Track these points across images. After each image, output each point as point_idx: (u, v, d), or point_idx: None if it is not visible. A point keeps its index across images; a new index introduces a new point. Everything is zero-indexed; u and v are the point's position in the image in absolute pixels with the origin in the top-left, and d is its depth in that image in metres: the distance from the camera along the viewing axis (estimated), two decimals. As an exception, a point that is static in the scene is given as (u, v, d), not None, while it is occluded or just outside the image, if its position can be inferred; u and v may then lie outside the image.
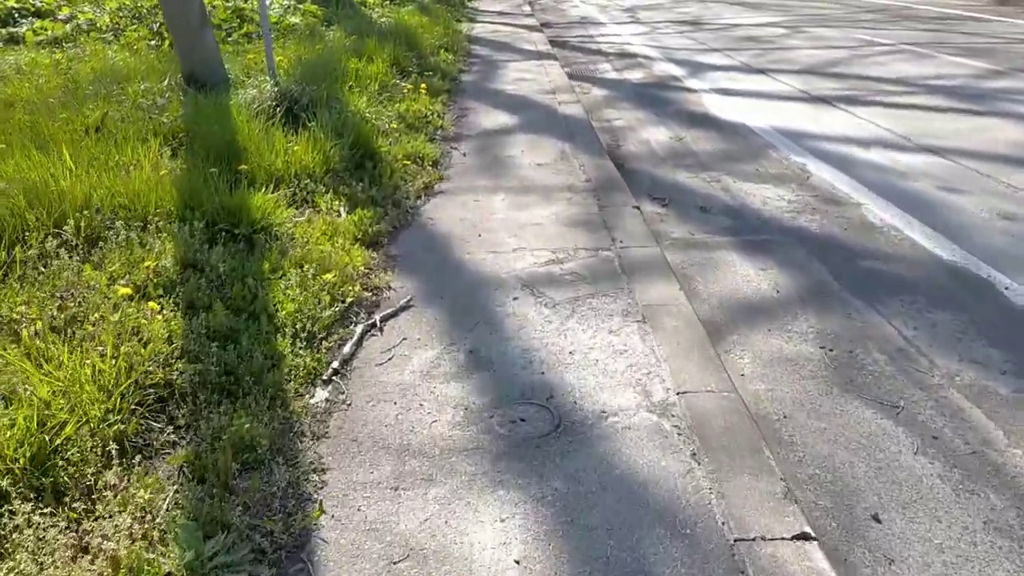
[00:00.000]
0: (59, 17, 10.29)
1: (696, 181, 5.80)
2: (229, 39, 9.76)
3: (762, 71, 9.86)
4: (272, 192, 4.25)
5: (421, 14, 12.59)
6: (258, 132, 4.92)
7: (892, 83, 8.75)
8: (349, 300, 3.32)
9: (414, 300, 3.50)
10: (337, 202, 4.47)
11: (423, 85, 7.83)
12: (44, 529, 1.95)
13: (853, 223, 4.84)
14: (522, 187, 5.19)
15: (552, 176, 5.44)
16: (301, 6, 11.82)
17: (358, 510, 2.23)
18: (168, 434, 2.45)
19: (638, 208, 4.73)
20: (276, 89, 5.64)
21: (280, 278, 3.33)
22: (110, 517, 2.03)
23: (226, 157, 4.51)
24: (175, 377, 2.59)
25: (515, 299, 3.51)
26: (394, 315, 3.34)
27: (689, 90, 9.04)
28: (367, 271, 3.69)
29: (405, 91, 7.36)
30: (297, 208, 4.31)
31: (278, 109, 5.47)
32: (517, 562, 2.05)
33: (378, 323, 3.22)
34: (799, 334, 3.51)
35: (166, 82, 6.41)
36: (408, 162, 5.43)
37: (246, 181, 4.25)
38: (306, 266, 3.42)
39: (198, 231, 3.56)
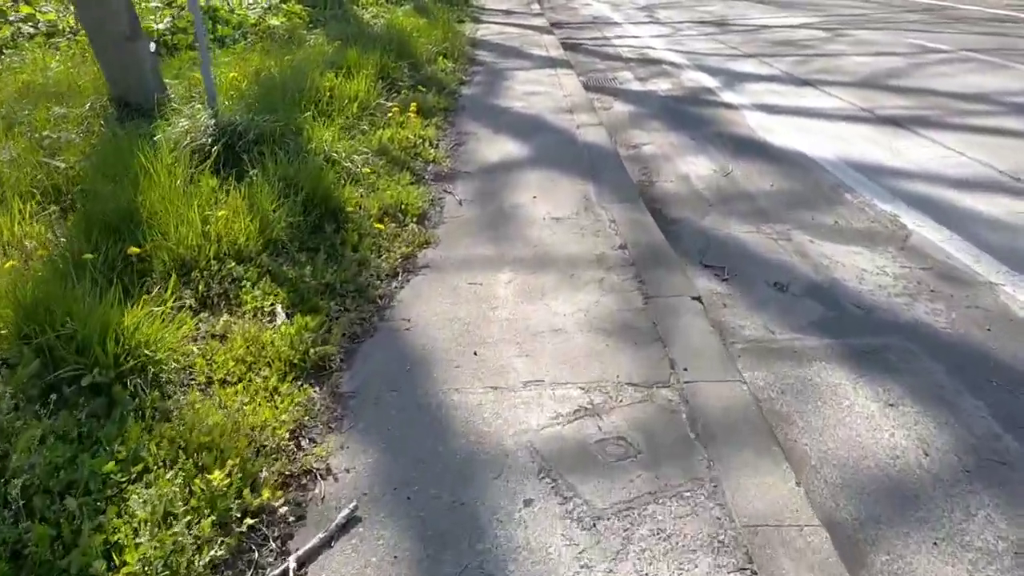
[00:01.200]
0: (10, 18, 8.92)
1: (759, 239, 4.41)
2: (197, 45, 8.38)
3: (808, 82, 8.43)
4: (173, 290, 2.88)
5: (418, 15, 11.19)
6: (177, 186, 3.55)
7: (969, 99, 7.31)
8: (248, 523, 1.95)
9: (363, 506, 2.13)
10: (273, 296, 3.09)
11: (413, 104, 6.44)
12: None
13: (995, 318, 3.45)
14: (535, 258, 3.81)
15: (575, 239, 4.06)
16: (284, 6, 10.44)
17: None
18: None
19: (699, 300, 3.33)
20: (214, 121, 4.27)
21: (135, 481, 1.96)
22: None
23: (120, 230, 3.15)
24: None
25: (528, 503, 2.14)
26: (326, 545, 1.97)
27: (727, 106, 7.63)
28: (295, 437, 2.32)
29: (391, 113, 5.97)
30: (210, 311, 2.94)
31: (214, 148, 4.09)
32: None
33: (292, 573, 1.84)
34: (987, 552, 2.14)
35: (88, 105, 5.05)
36: (384, 223, 4.05)
37: (135, 273, 2.88)
38: (182, 458, 2.05)
39: (25, 380, 2.20)
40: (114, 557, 1.75)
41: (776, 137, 6.44)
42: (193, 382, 2.47)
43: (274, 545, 1.95)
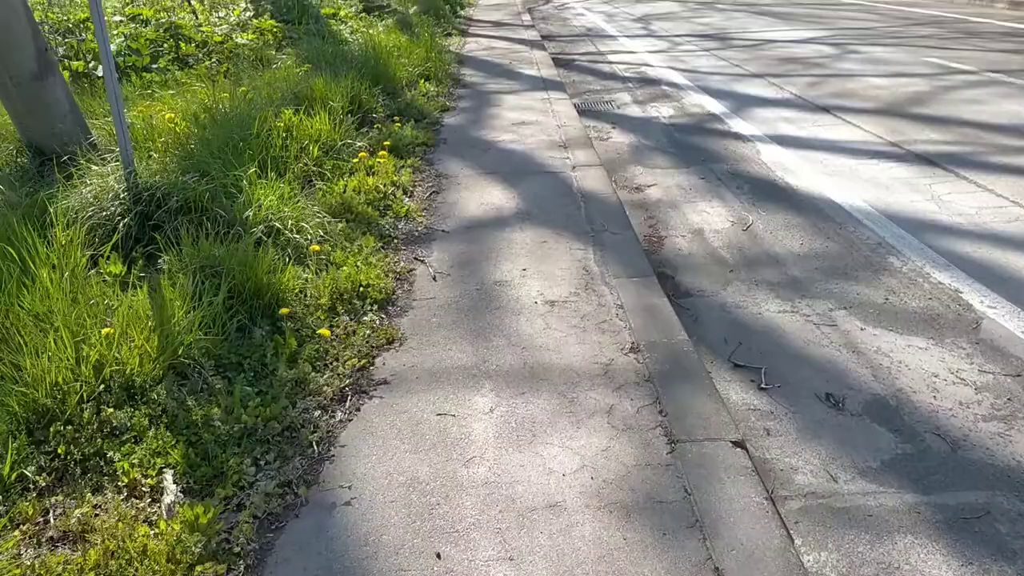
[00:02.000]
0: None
1: (797, 323, 3.58)
2: (154, 67, 7.53)
3: (825, 109, 7.62)
4: (14, 462, 2.02)
5: (400, 31, 10.33)
6: (62, 282, 2.69)
7: (1010, 133, 6.51)
8: None
9: None
10: (164, 457, 2.23)
11: (387, 143, 5.59)
12: None
13: (1125, 460, 2.62)
14: (524, 369, 2.96)
15: (574, 335, 3.21)
16: (255, 21, 9.56)
17: None
18: None
19: (742, 446, 2.48)
20: (126, 185, 3.40)
21: None
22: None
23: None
24: None
25: None
26: None
27: (738, 137, 6.80)
28: None
29: (359, 157, 5.11)
30: (69, 490, 2.08)
31: (123, 222, 3.23)
32: None
33: None
34: None
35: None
36: (335, 317, 3.20)
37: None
38: None
39: None
40: None
41: (798, 179, 5.61)
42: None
43: None
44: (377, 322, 3.25)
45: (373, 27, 11.03)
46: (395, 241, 4.20)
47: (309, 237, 3.62)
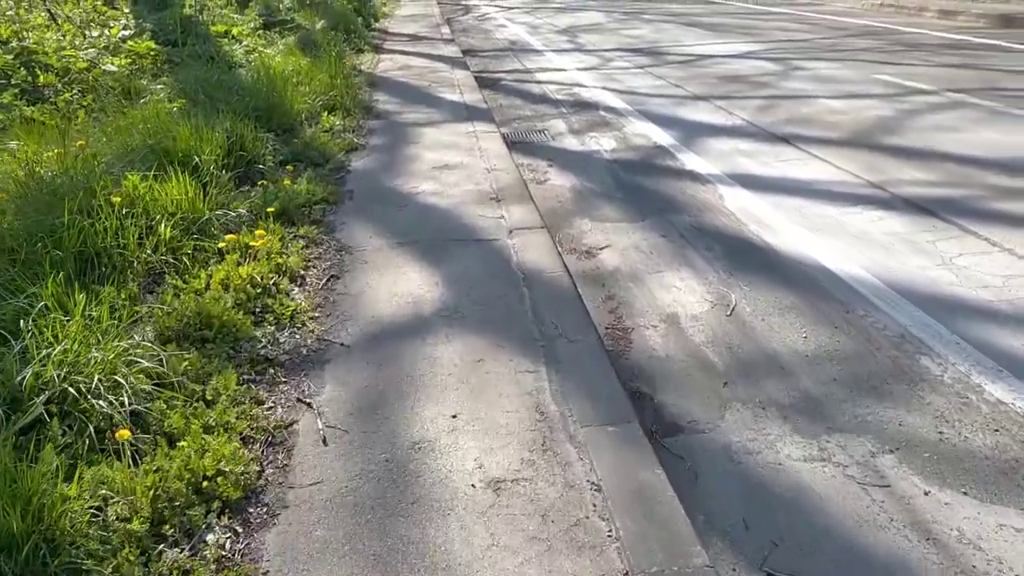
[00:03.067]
0: None
1: (835, 483, 2.57)
2: (-9, 104, 6.09)
3: (784, 139, 6.71)
4: None
5: (303, 51, 9.01)
6: None
7: (1003, 170, 5.69)
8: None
9: None
10: None
11: (273, 206, 4.35)
12: None
13: None
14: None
15: (535, 556, 2.07)
16: (128, 44, 8.11)
17: None
18: None
19: None
20: None
21: None
22: None
23: None
24: None
25: None
26: None
27: (695, 177, 5.82)
28: None
29: (227, 240, 3.86)
30: None
31: None
32: None
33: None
34: None
35: None
36: (153, 552, 1.98)
37: None
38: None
39: None
40: None
41: (777, 236, 4.63)
42: None
43: None
44: (225, 551, 2.04)
45: (274, 45, 9.70)
46: (272, 370, 2.98)
47: (126, 401, 2.36)
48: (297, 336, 3.25)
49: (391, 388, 2.88)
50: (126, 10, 10.28)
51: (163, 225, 3.62)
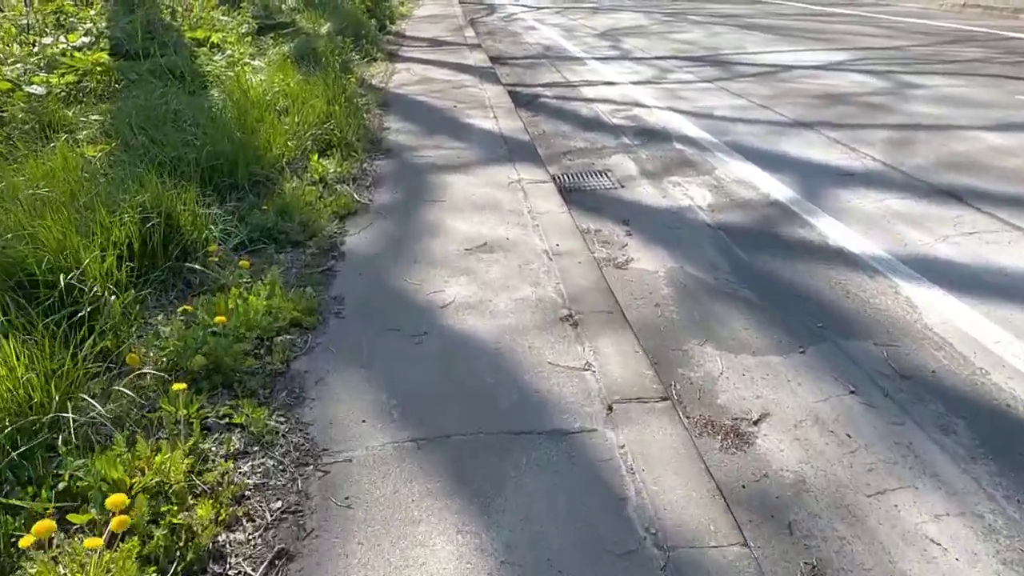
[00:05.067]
0: None
1: None
2: None
3: (952, 194, 4.73)
4: None
5: (298, 65, 7.06)
6: None
7: None
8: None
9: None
10: None
11: (197, 359, 2.41)
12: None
13: None
14: None
15: None
16: (77, 55, 6.20)
17: None
18: None
19: None
20: None
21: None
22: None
23: None
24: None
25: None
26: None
27: (852, 262, 3.86)
28: None
29: (32, 533, 1.91)
30: None
31: None
32: None
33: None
34: None
35: None
36: None
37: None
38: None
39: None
40: None
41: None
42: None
43: None
44: None
45: (264, 55, 7.77)
46: None
47: None
48: None
49: None
50: (93, 12, 8.38)
51: None
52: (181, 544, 1.77)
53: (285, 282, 3.29)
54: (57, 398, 2.06)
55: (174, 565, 1.72)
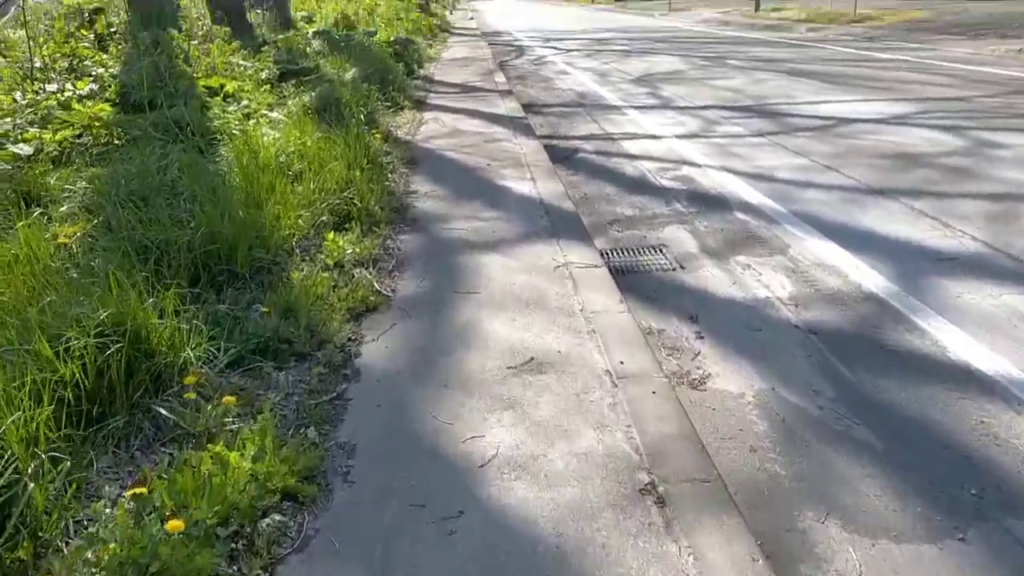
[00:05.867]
0: None
1: None
2: None
3: (1085, 291, 3.89)
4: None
5: (319, 117, 6.42)
6: None
7: None
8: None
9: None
10: None
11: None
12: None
13: None
14: None
15: None
16: (76, 107, 5.61)
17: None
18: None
19: None
20: None
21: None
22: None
23: None
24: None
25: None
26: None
27: (990, 389, 3.06)
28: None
29: None
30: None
31: None
32: None
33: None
34: None
35: None
36: None
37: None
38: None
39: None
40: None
41: None
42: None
43: None
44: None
45: (284, 104, 7.15)
46: None
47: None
48: None
49: None
50: (106, 56, 7.85)
51: None
52: None
53: (282, 420, 2.56)
54: None
55: None
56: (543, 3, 55.95)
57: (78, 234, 3.35)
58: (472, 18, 34.50)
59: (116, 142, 5.42)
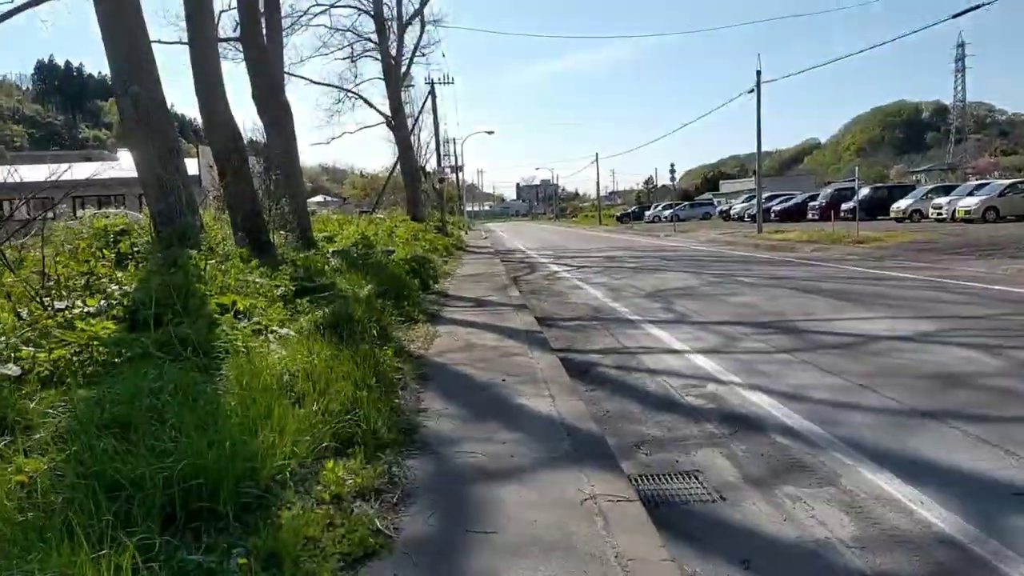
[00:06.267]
0: None
1: None
2: None
3: None
4: None
5: (331, 333, 6.23)
6: None
7: None
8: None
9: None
10: None
11: None
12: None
13: None
14: None
15: None
16: (79, 324, 5.44)
17: None
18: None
19: None
20: None
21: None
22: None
23: None
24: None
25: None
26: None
27: None
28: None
29: None
30: None
31: None
32: None
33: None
34: None
35: None
36: None
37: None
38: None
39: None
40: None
41: None
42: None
43: None
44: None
45: (296, 321, 7.00)
46: None
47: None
48: None
49: None
50: (121, 274, 7.87)
51: None
52: None
53: None
54: None
55: None
56: (552, 224, 58.98)
57: (41, 468, 2.95)
58: (486, 237, 36.17)
59: (115, 360, 5.17)
